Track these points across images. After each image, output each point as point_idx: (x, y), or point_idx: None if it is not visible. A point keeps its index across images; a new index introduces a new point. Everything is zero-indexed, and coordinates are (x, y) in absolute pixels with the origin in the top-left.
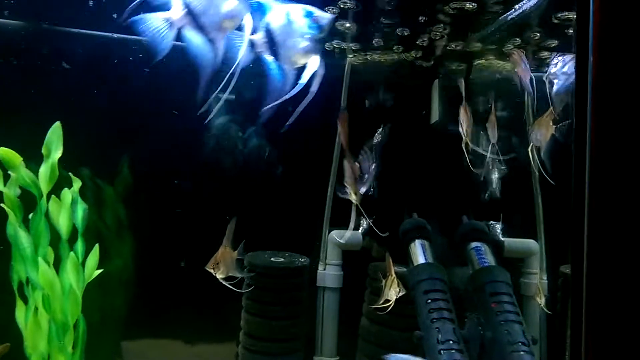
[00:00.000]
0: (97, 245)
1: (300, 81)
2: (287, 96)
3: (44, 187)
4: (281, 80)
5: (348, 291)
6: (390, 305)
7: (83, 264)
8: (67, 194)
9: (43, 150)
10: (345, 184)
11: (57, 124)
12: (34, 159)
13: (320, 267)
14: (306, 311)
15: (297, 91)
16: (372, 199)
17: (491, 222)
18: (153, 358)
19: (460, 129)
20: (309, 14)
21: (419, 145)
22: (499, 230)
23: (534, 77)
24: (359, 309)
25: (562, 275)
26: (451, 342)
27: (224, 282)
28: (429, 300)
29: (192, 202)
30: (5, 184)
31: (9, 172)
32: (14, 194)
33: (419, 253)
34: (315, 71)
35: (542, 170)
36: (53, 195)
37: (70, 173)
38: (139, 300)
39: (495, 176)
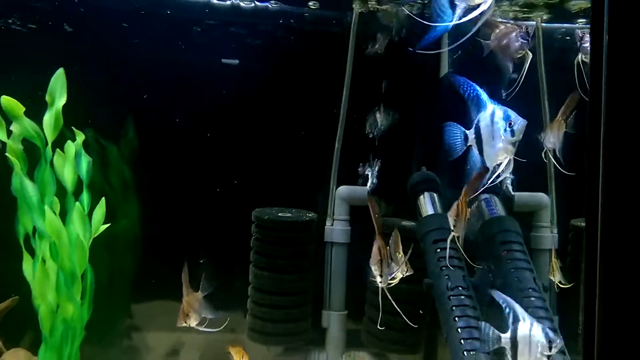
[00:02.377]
0: (103, 198)
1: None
2: None
3: (49, 135)
4: None
5: (356, 246)
6: (394, 283)
7: (89, 215)
8: (70, 147)
9: (47, 98)
10: (371, 265)
11: (60, 70)
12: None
13: (328, 223)
14: (314, 266)
15: None
16: (382, 156)
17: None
18: (162, 320)
19: None
20: None
21: (428, 99)
22: (509, 184)
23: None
24: (367, 263)
25: (572, 228)
26: (460, 288)
27: (200, 328)
28: (438, 250)
29: (200, 163)
30: (8, 136)
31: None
32: (18, 145)
33: (427, 205)
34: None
35: (559, 168)
36: (57, 149)
37: (73, 127)
38: (147, 261)
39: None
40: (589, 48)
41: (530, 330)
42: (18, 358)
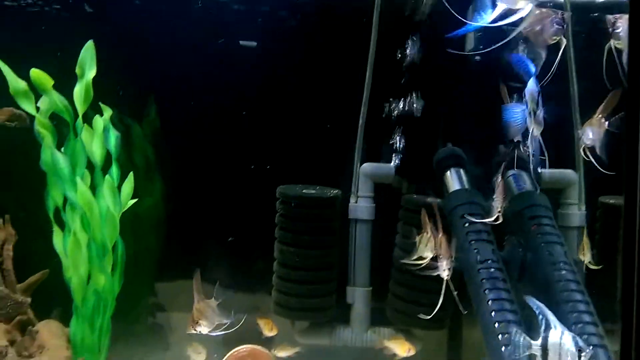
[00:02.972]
0: (131, 173)
1: None
2: None
3: (80, 107)
4: None
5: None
6: (423, 263)
7: (119, 188)
8: (98, 121)
9: (77, 70)
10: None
11: (90, 43)
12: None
13: (352, 200)
14: (339, 242)
15: None
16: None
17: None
18: (185, 300)
19: None
20: None
21: (455, 77)
22: (537, 160)
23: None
24: (392, 240)
25: (600, 205)
26: (490, 261)
27: (212, 334)
28: (467, 224)
29: (224, 143)
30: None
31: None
32: (47, 118)
33: (454, 180)
34: None
35: (598, 167)
36: (85, 124)
37: (100, 102)
38: (171, 241)
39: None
40: (621, 34)
41: (561, 339)
42: (50, 329)
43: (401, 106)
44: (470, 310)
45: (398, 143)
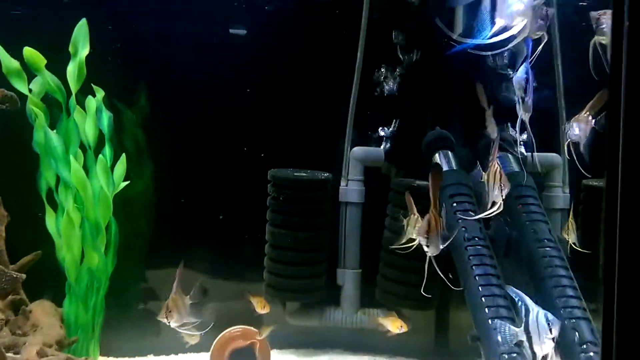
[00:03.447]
0: (124, 154)
1: None
2: None
3: (73, 86)
4: None
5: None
6: (413, 245)
7: (112, 169)
8: (91, 102)
9: (70, 49)
10: (419, 236)
11: (83, 20)
12: None
13: (343, 183)
14: (329, 224)
15: None
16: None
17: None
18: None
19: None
20: None
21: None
22: (522, 144)
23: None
24: (381, 222)
25: (584, 188)
26: (477, 238)
27: (180, 330)
28: (455, 204)
29: (214, 128)
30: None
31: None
32: (40, 98)
33: (442, 161)
34: None
35: (578, 164)
36: (77, 106)
37: (92, 84)
38: (161, 226)
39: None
40: (605, 30)
41: (537, 317)
42: (44, 308)
43: (391, 89)
44: (459, 290)
45: (387, 127)
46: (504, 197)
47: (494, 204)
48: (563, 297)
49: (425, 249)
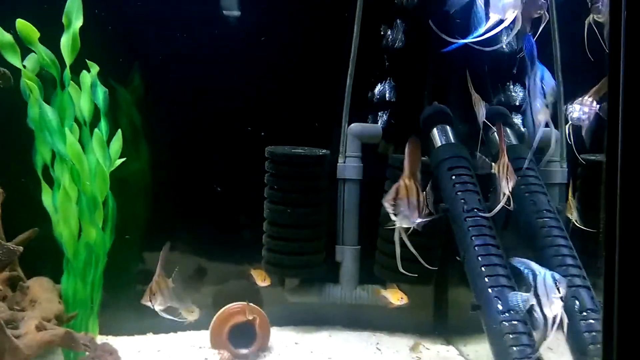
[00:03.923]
0: (119, 130)
1: None
2: None
3: (67, 58)
4: None
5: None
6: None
7: (108, 145)
8: (86, 77)
9: (63, 20)
10: (385, 203)
11: None
12: None
13: (340, 160)
14: (328, 201)
15: None
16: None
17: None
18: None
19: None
20: None
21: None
22: (519, 121)
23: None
24: (379, 199)
25: (581, 164)
26: (476, 210)
27: (164, 315)
28: (453, 176)
29: (210, 107)
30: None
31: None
32: (34, 71)
33: (440, 136)
34: None
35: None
36: (72, 82)
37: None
38: (158, 207)
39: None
40: (600, 8)
41: (544, 278)
42: (41, 284)
43: (388, 64)
44: (458, 264)
45: (385, 103)
46: (510, 190)
47: (503, 195)
48: (563, 265)
49: (392, 217)
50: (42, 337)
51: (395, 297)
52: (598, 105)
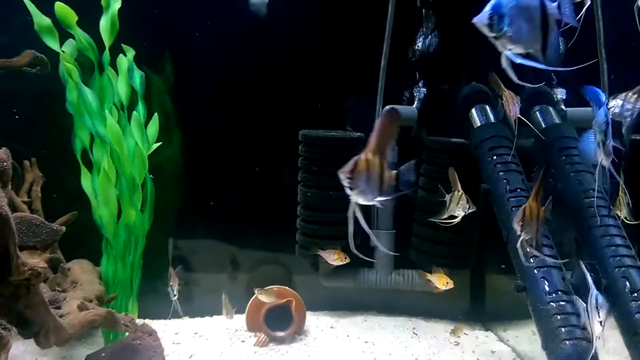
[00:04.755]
0: (156, 114)
1: None
2: None
3: (107, 40)
4: None
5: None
6: (454, 222)
7: (145, 127)
8: (123, 61)
9: (102, 2)
10: (339, 173)
11: None
12: None
13: None
14: None
15: None
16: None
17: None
18: (203, 255)
19: None
20: None
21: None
22: (561, 99)
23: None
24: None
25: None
26: (519, 190)
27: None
28: (495, 156)
29: (243, 91)
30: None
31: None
32: (72, 56)
33: (479, 116)
34: None
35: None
36: (109, 66)
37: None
38: (191, 194)
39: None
40: None
41: (595, 298)
42: (82, 266)
43: (423, 45)
44: (496, 250)
45: (420, 84)
46: None
47: None
48: (612, 246)
49: (348, 191)
50: (85, 316)
51: (442, 282)
52: None
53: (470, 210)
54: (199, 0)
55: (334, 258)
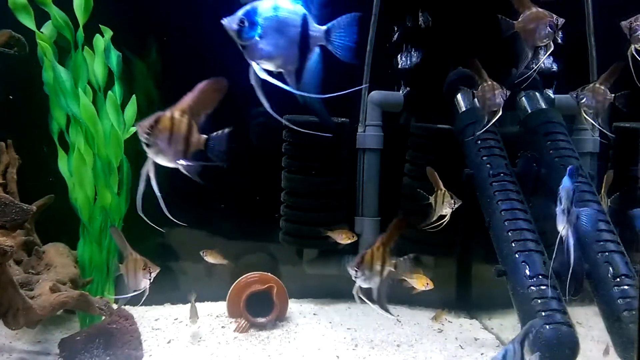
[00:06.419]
0: (134, 96)
1: None
2: None
3: (81, 17)
4: None
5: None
6: (444, 221)
7: (122, 110)
8: (99, 41)
9: None
10: (137, 127)
11: None
12: None
13: (360, 129)
14: (347, 170)
15: None
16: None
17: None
18: (190, 243)
19: None
20: None
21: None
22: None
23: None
24: (401, 169)
25: (615, 130)
26: (502, 174)
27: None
28: (479, 141)
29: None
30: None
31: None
32: (48, 34)
33: (464, 101)
34: None
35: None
36: (85, 46)
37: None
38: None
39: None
40: None
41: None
42: (57, 249)
43: (408, 30)
44: (480, 235)
45: (406, 68)
46: None
47: None
48: (597, 230)
49: (144, 147)
50: (56, 298)
51: (421, 283)
52: (613, 95)
53: (456, 206)
54: None
55: (342, 237)
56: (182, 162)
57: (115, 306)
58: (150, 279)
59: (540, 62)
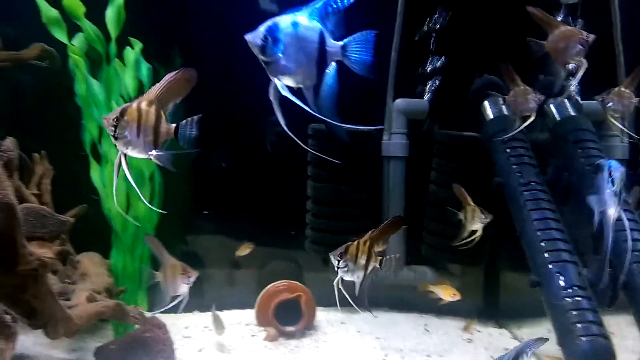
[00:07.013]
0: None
1: None
2: None
3: (113, 30)
4: None
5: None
6: (476, 237)
7: None
8: (130, 53)
9: None
10: (102, 120)
11: None
12: None
13: (385, 137)
14: (372, 178)
15: None
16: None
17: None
18: (214, 251)
19: None
20: None
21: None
22: (575, 92)
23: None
24: (427, 176)
25: None
26: (533, 183)
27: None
28: (508, 149)
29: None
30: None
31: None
32: (80, 46)
33: (492, 108)
34: None
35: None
36: (116, 59)
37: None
38: (201, 191)
39: None
40: None
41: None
42: (92, 259)
43: (434, 38)
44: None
45: (432, 77)
46: None
47: None
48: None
49: (113, 140)
50: (93, 308)
51: (447, 294)
52: (637, 99)
53: (487, 220)
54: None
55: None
56: (153, 152)
57: (148, 314)
58: (189, 284)
59: (576, 80)
